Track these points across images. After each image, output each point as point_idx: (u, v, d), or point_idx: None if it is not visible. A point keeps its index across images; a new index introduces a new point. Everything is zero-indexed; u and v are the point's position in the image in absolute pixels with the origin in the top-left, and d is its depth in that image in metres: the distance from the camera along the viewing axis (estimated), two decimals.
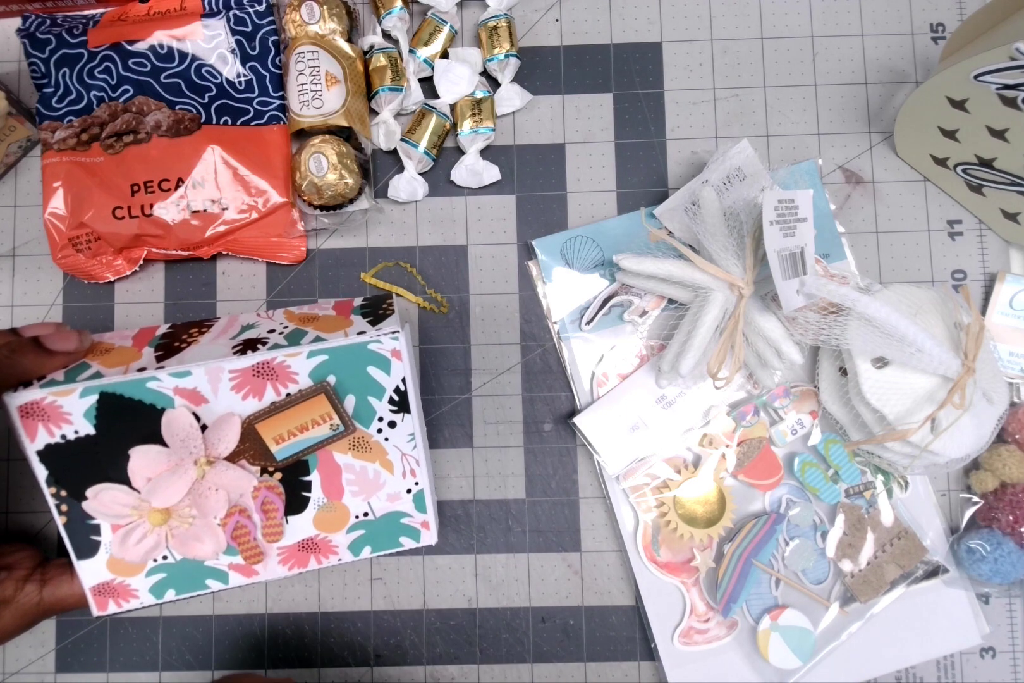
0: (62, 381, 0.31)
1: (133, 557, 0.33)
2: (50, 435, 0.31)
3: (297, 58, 0.41)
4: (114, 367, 0.32)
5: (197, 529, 0.33)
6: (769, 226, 0.34)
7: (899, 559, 0.41)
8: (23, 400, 0.31)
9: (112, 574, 0.33)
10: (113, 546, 0.32)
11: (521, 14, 0.44)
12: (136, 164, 0.41)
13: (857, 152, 0.44)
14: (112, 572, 0.33)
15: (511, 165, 0.44)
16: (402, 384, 0.33)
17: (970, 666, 0.41)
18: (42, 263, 0.43)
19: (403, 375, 0.32)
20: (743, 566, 0.40)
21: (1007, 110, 0.36)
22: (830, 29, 0.44)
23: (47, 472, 0.31)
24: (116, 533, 0.32)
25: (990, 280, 0.43)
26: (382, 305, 0.35)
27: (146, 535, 0.33)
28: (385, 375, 0.32)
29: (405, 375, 0.32)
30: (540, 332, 0.43)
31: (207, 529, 0.33)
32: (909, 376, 0.37)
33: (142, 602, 0.33)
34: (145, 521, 0.32)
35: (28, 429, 0.31)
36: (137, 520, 0.32)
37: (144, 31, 0.41)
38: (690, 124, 0.44)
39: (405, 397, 0.33)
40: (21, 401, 0.31)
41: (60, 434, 0.31)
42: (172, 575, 0.33)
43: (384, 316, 0.34)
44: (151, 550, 0.33)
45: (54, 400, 0.31)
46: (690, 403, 0.41)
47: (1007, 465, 0.40)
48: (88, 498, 0.32)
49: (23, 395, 0.30)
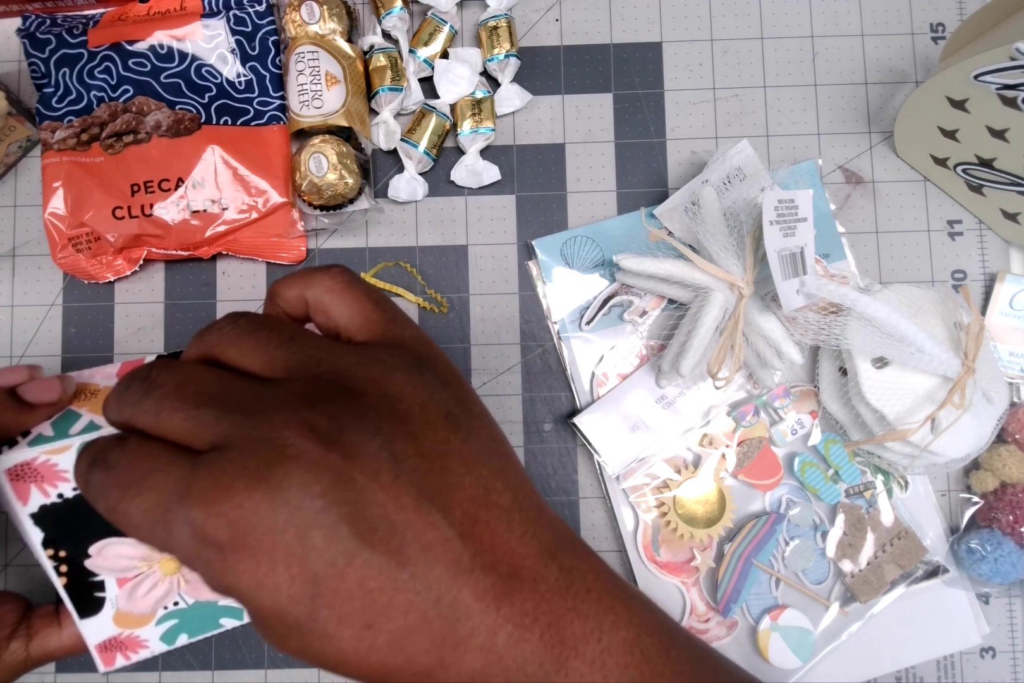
0: (53, 436, 0.28)
1: (143, 608, 0.30)
2: (45, 496, 0.28)
3: (297, 58, 0.41)
4: None
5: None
6: (769, 226, 0.34)
7: (899, 559, 0.41)
8: (12, 462, 0.27)
9: (119, 628, 0.30)
10: (120, 600, 0.30)
11: (521, 14, 0.44)
12: (136, 164, 0.41)
13: (857, 152, 0.44)
14: (119, 626, 0.30)
15: (511, 165, 0.44)
16: None
17: (970, 666, 0.41)
18: (42, 263, 0.43)
19: None
20: (743, 566, 0.40)
21: (1007, 110, 0.36)
22: (830, 29, 0.44)
23: (43, 535, 0.29)
24: (123, 587, 0.30)
25: (990, 280, 0.43)
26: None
27: (156, 584, 0.30)
28: None
29: None
30: (540, 332, 0.43)
31: None
32: (909, 376, 0.37)
33: (152, 651, 0.31)
34: (156, 571, 0.30)
35: (19, 492, 0.28)
36: (147, 571, 0.30)
37: (144, 31, 0.41)
38: (690, 124, 0.44)
39: None
40: (9, 463, 0.27)
41: (56, 494, 0.28)
42: (184, 620, 0.31)
43: None
44: (161, 599, 0.31)
45: (47, 459, 0.28)
46: (690, 403, 0.41)
47: (1007, 465, 0.40)
48: (91, 555, 0.29)
49: (11, 457, 0.27)
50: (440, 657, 0.19)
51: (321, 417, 0.20)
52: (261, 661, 0.41)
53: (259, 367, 0.22)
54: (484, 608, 0.20)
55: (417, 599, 0.19)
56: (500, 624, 0.20)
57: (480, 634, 0.20)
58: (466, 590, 0.19)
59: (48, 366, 0.43)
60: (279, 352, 0.22)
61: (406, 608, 0.19)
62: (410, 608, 0.19)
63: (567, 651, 0.20)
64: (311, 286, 0.24)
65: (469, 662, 0.20)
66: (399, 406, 0.21)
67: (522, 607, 0.20)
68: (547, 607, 0.20)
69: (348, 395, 0.21)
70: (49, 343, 0.43)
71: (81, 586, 0.30)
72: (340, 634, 0.19)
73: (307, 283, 0.24)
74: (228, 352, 0.22)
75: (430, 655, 0.19)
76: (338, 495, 0.19)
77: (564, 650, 0.20)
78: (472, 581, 0.20)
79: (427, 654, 0.19)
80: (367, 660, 0.19)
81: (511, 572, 0.20)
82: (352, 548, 0.19)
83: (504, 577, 0.20)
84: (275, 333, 0.22)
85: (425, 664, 0.19)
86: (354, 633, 0.19)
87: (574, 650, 0.20)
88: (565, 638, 0.20)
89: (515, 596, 0.20)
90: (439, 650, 0.19)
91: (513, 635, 0.20)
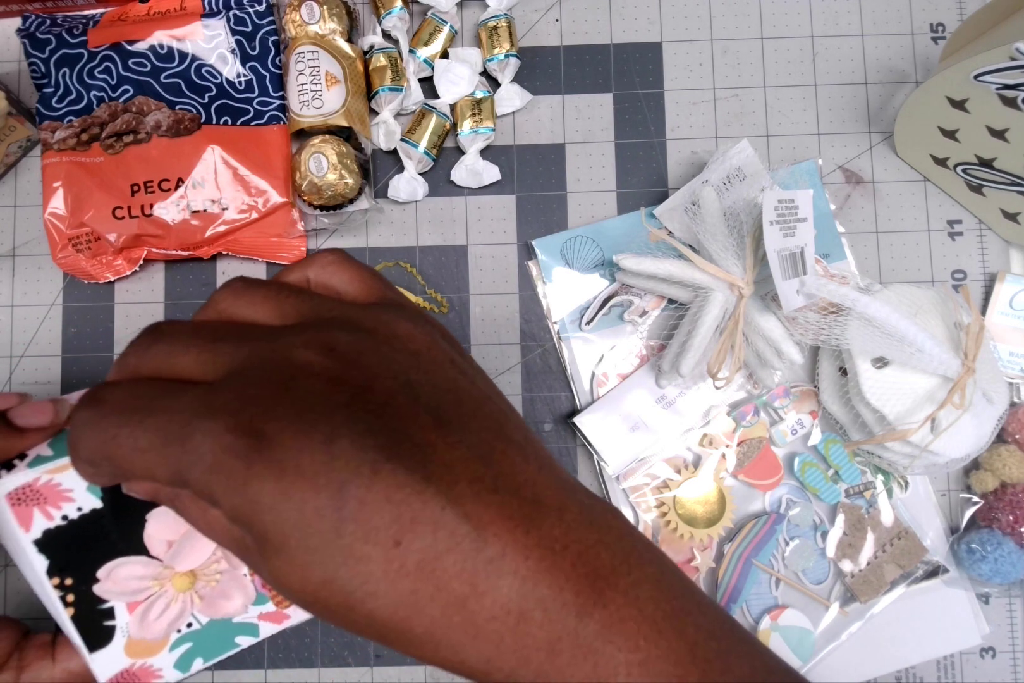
0: (52, 455, 0.27)
1: (155, 633, 0.29)
2: (48, 519, 0.27)
3: (297, 58, 0.41)
4: None
5: (224, 585, 0.30)
6: (769, 226, 0.34)
7: (899, 559, 0.41)
8: (12, 486, 0.26)
9: (131, 659, 0.29)
10: (132, 627, 0.29)
11: (521, 14, 0.44)
12: (136, 164, 0.41)
13: (857, 152, 0.44)
14: (131, 657, 0.29)
15: (511, 165, 0.44)
16: None
17: (970, 666, 0.41)
18: (42, 263, 0.43)
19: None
20: (743, 566, 0.40)
21: (1007, 110, 0.36)
22: (830, 29, 0.44)
23: (48, 562, 0.27)
24: (134, 612, 0.29)
25: (990, 280, 0.43)
26: None
27: (169, 604, 0.29)
28: None
29: None
30: (540, 332, 0.43)
31: (235, 583, 0.30)
32: (909, 376, 0.37)
33: (167, 681, 0.30)
34: (168, 589, 0.29)
35: (21, 518, 0.27)
36: (159, 591, 0.29)
37: (144, 31, 0.41)
38: (690, 124, 0.44)
39: None
40: (10, 487, 0.26)
41: (61, 515, 0.27)
42: (198, 643, 0.30)
43: None
44: (175, 620, 0.30)
45: (50, 478, 0.27)
46: (690, 403, 0.41)
47: (1007, 465, 0.40)
48: (100, 580, 0.28)
49: (10, 480, 0.26)
50: (473, 582, 0.18)
51: (339, 342, 0.20)
52: (261, 661, 0.41)
53: (270, 315, 0.22)
54: (512, 528, 0.18)
55: (444, 515, 0.18)
56: (531, 547, 0.18)
57: (512, 557, 0.18)
58: (493, 508, 0.19)
59: (48, 366, 0.43)
60: (289, 300, 0.22)
61: (434, 524, 0.18)
62: (438, 524, 0.18)
63: (600, 582, 0.19)
64: (311, 265, 0.24)
65: (504, 589, 0.18)
66: (409, 345, 0.21)
67: (551, 533, 0.19)
68: (575, 536, 0.19)
69: (362, 330, 0.21)
70: (49, 343, 0.43)
71: (89, 615, 0.28)
72: (367, 554, 0.18)
73: (307, 263, 0.24)
74: (237, 305, 0.22)
75: (461, 580, 0.18)
76: (361, 406, 0.19)
77: (597, 580, 0.19)
78: (498, 501, 0.19)
79: (458, 579, 0.18)
80: (396, 587, 0.18)
81: (535, 498, 0.20)
82: (377, 458, 0.18)
83: (529, 501, 0.19)
84: (283, 285, 0.23)
85: (458, 591, 0.18)
86: (383, 552, 0.18)
87: (606, 580, 0.19)
88: (597, 568, 0.19)
89: (543, 521, 0.19)
90: (471, 574, 0.18)
91: (545, 559, 0.18)
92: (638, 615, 0.19)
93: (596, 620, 0.19)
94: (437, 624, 0.18)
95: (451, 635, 0.18)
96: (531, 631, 0.18)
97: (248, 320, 0.22)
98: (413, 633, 0.18)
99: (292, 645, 0.41)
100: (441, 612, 0.18)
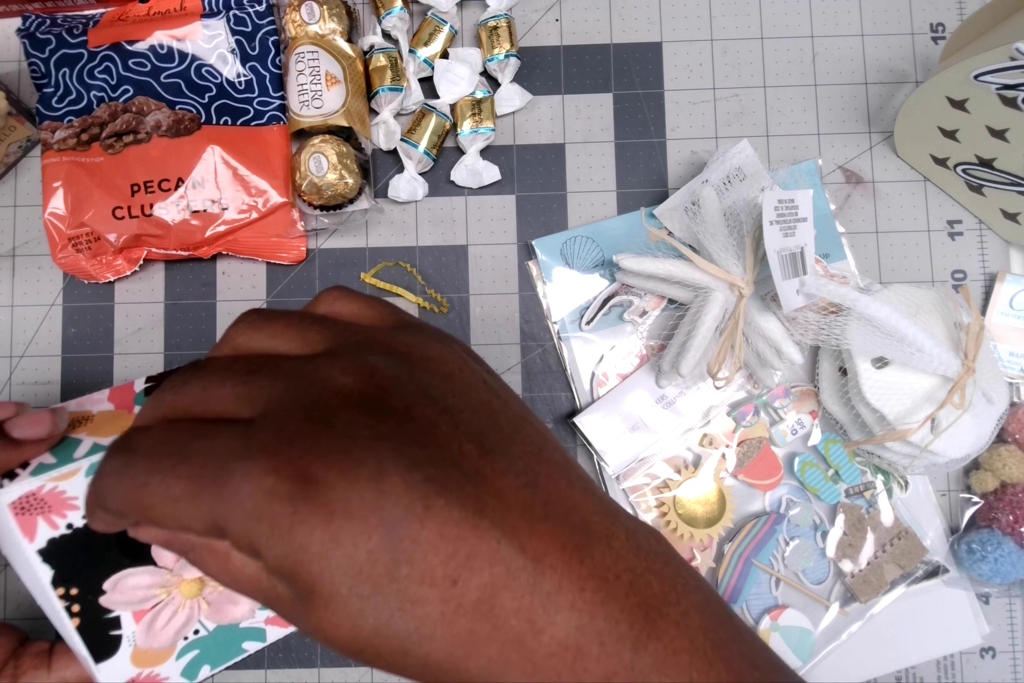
0: (56, 463, 0.27)
1: (162, 642, 0.29)
2: (53, 528, 0.27)
3: (297, 58, 0.41)
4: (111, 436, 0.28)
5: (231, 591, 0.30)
6: (769, 226, 0.34)
7: (899, 559, 0.41)
8: (16, 494, 0.26)
9: (138, 668, 0.29)
10: (138, 636, 0.28)
11: (521, 14, 0.44)
12: (136, 164, 0.41)
13: (857, 152, 0.44)
14: (138, 666, 0.29)
15: (511, 165, 0.44)
16: None
17: (970, 666, 0.41)
18: (42, 263, 0.43)
19: None
20: (743, 566, 0.40)
21: (1007, 110, 0.36)
22: (830, 29, 0.44)
23: (53, 572, 0.27)
24: (141, 621, 0.28)
25: (990, 280, 0.43)
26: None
27: (177, 612, 0.29)
28: None
29: None
30: (540, 332, 0.43)
31: None
32: (909, 376, 0.37)
33: None
34: (176, 596, 0.29)
35: (25, 528, 0.26)
36: (166, 598, 0.29)
37: (144, 31, 0.41)
38: (690, 124, 0.44)
39: None
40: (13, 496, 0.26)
41: (65, 524, 0.27)
42: (205, 650, 0.30)
43: None
44: (182, 628, 0.29)
45: (55, 486, 0.26)
46: (690, 403, 0.41)
47: (1007, 465, 0.40)
48: (106, 591, 0.28)
49: (14, 489, 0.26)
50: (531, 618, 0.17)
51: (377, 368, 0.19)
52: (261, 661, 0.41)
53: (296, 345, 0.21)
54: (567, 559, 0.18)
55: (500, 548, 0.17)
56: (585, 578, 0.18)
57: (568, 590, 0.18)
58: (547, 539, 0.18)
59: (48, 366, 0.43)
60: (313, 328, 0.21)
61: (491, 559, 0.17)
62: (494, 559, 0.17)
63: (652, 612, 0.18)
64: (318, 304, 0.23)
65: (562, 624, 0.17)
66: (442, 368, 0.21)
67: (602, 562, 0.18)
68: (625, 564, 0.19)
69: (394, 356, 0.20)
70: (49, 343, 0.43)
71: (95, 625, 0.28)
72: (424, 596, 0.17)
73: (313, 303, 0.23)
74: (257, 338, 0.21)
75: (519, 617, 0.17)
76: (406, 437, 0.18)
77: (649, 611, 0.18)
78: (550, 530, 0.18)
79: (516, 616, 0.17)
80: (453, 628, 0.17)
81: (584, 525, 0.19)
82: (428, 493, 0.17)
83: (578, 529, 0.19)
84: (303, 314, 0.22)
85: (516, 629, 0.17)
86: (440, 592, 0.17)
87: (657, 610, 0.19)
88: (648, 598, 0.19)
89: (594, 549, 0.18)
90: (529, 610, 0.17)
91: (600, 591, 0.18)
92: (690, 646, 0.19)
93: (650, 653, 0.18)
94: (495, 663, 0.18)
95: (508, 674, 0.18)
96: (588, 666, 0.18)
97: (272, 352, 0.21)
98: (469, 674, 0.18)
99: (292, 645, 0.41)
100: (499, 651, 0.17)
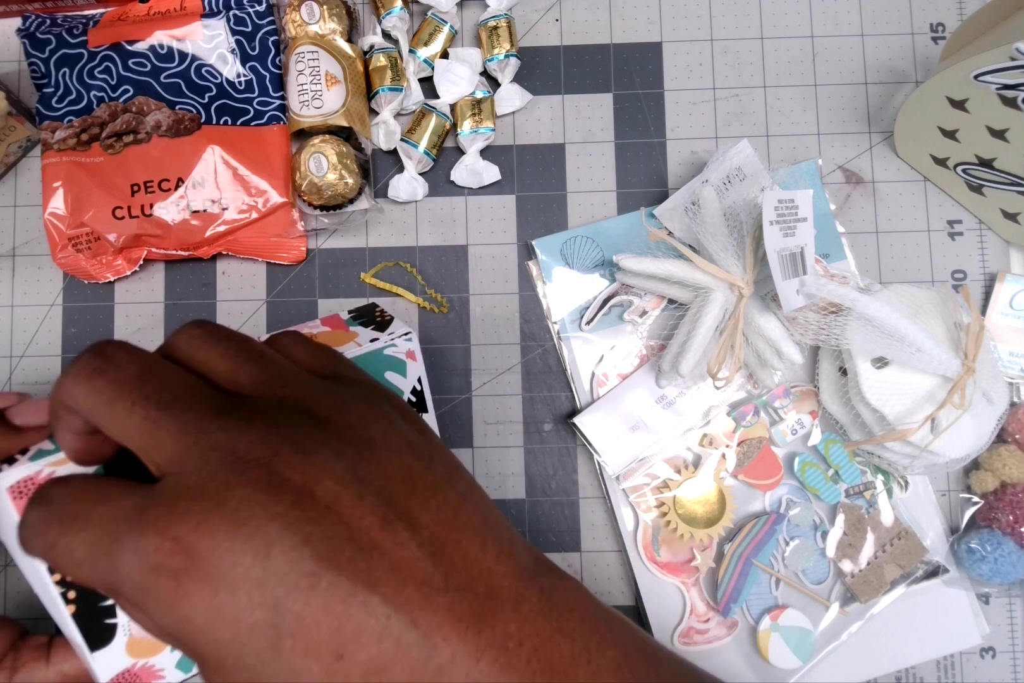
0: (54, 449, 0.26)
1: None
2: None
3: (297, 58, 0.41)
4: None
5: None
6: (769, 226, 0.34)
7: (899, 559, 0.41)
8: (14, 479, 0.25)
9: (133, 658, 0.28)
10: (133, 625, 0.28)
11: (521, 14, 0.44)
12: (136, 164, 0.41)
13: (857, 152, 0.44)
14: (133, 656, 0.28)
15: (511, 165, 0.44)
16: (418, 384, 0.32)
17: (970, 666, 0.41)
18: (42, 263, 0.43)
19: (419, 375, 0.32)
20: (743, 566, 0.40)
21: (1007, 110, 0.36)
22: (830, 29, 0.44)
23: None
24: None
25: (990, 280, 0.43)
26: (374, 313, 0.34)
27: None
28: (402, 378, 0.31)
29: (421, 375, 0.32)
30: (540, 332, 0.43)
31: None
32: (909, 376, 0.37)
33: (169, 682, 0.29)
34: None
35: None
36: None
37: (144, 31, 0.41)
38: (690, 124, 0.44)
39: (422, 396, 0.32)
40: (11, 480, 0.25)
41: None
42: None
43: (385, 322, 0.33)
44: None
45: (52, 471, 0.26)
46: (690, 403, 0.41)
47: (1007, 465, 0.40)
48: None
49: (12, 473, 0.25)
50: None
51: (285, 441, 0.19)
52: None
53: (223, 377, 0.21)
54: (463, 630, 0.18)
55: (390, 624, 0.17)
56: (483, 649, 0.18)
57: (462, 661, 0.18)
58: (442, 612, 0.18)
59: (48, 366, 0.43)
60: (247, 366, 0.21)
61: (379, 634, 0.17)
62: (383, 635, 0.17)
63: (557, 676, 0.19)
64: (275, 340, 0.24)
65: None
66: (362, 433, 0.21)
67: (504, 630, 0.19)
68: (531, 629, 0.19)
69: (312, 421, 0.20)
70: (49, 343, 0.43)
71: (90, 613, 0.28)
72: (308, 668, 0.17)
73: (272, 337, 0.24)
74: (194, 355, 0.21)
75: None
76: (300, 515, 0.18)
77: (554, 675, 0.19)
78: (447, 602, 0.18)
79: None
80: None
81: (489, 592, 0.19)
82: (316, 569, 0.17)
83: (482, 597, 0.19)
84: (244, 346, 0.22)
85: None
86: (324, 667, 0.17)
87: (564, 674, 0.19)
88: (554, 662, 0.19)
89: (496, 617, 0.19)
90: None
91: (498, 661, 0.18)
92: None
93: None
94: None
95: None
96: None
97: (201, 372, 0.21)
98: None
99: None
100: None
